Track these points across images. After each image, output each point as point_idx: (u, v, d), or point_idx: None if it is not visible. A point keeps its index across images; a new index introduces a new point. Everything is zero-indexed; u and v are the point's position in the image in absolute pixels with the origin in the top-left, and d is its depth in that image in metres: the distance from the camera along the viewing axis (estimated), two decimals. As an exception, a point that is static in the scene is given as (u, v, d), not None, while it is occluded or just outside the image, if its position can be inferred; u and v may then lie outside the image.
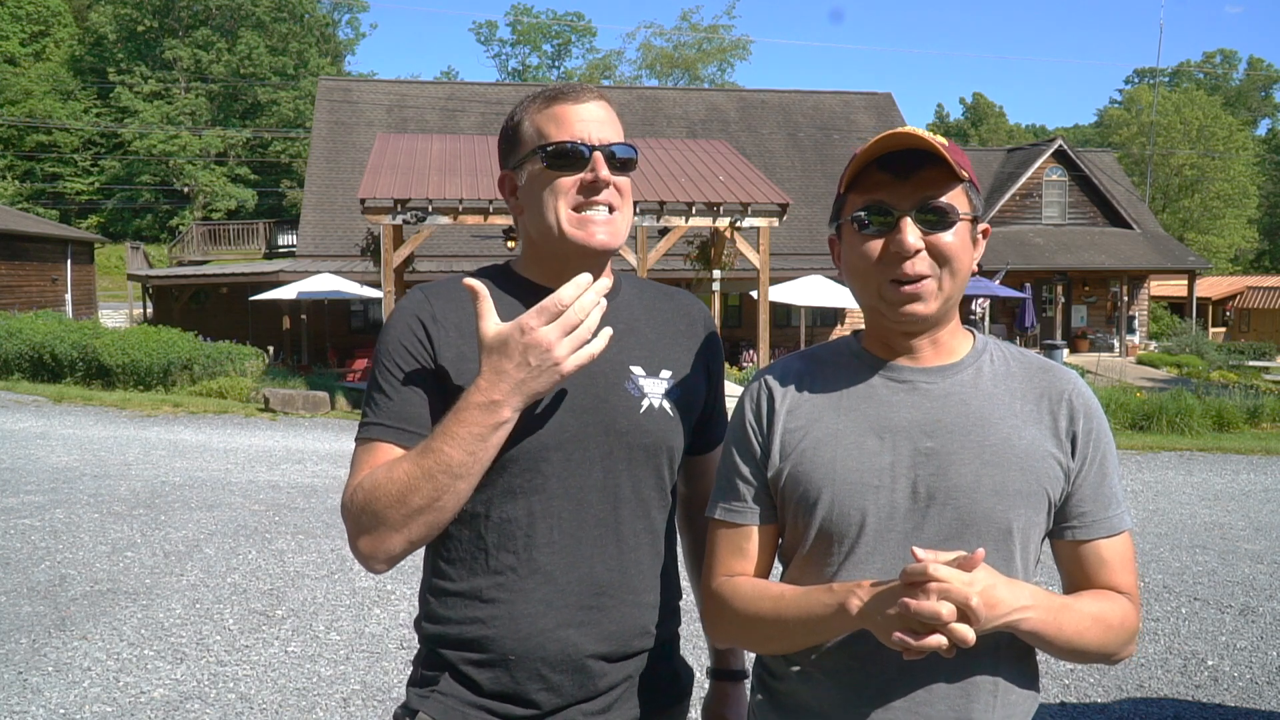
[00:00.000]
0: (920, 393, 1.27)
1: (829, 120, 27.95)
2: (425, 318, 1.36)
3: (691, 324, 1.53)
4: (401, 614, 4.92)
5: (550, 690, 1.34)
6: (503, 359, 1.21)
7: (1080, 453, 1.27)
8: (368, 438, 1.33)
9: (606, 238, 1.37)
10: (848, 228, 1.28)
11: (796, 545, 1.31)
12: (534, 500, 1.34)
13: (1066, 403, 1.28)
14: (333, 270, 19.14)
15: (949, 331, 1.31)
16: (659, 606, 1.42)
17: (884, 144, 1.22)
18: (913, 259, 1.22)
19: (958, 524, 1.22)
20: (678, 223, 13.51)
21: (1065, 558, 1.30)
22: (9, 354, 15.19)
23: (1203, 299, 32.31)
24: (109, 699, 3.86)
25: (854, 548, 1.25)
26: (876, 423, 1.27)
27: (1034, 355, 1.35)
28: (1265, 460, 10.34)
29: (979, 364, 1.31)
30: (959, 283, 1.26)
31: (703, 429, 1.51)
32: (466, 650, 1.35)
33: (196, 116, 43.46)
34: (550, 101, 1.39)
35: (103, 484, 8.01)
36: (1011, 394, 1.28)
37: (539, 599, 1.33)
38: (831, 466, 1.26)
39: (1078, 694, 4.04)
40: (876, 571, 1.22)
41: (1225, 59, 61.42)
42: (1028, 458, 1.24)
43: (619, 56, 67.43)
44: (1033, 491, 1.24)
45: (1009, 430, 1.25)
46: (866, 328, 1.36)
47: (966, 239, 1.26)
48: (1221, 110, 47.66)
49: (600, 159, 1.36)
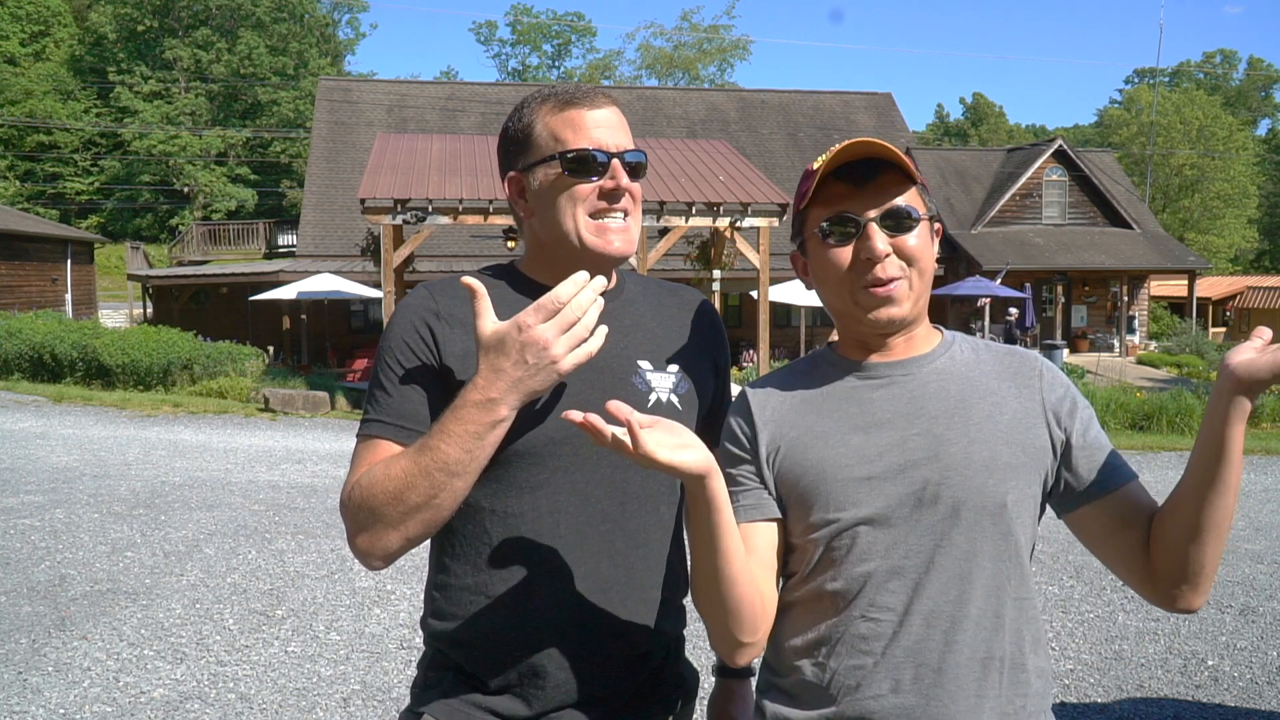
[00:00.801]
0: (898, 385, 1.31)
1: (829, 120, 27.96)
2: (430, 315, 1.36)
3: (698, 319, 1.53)
4: (401, 614, 4.92)
5: (555, 688, 1.33)
6: (500, 357, 1.21)
7: (1068, 418, 1.29)
8: (368, 435, 1.33)
9: (623, 245, 1.39)
10: (814, 240, 1.31)
11: (798, 546, 1.31)
12: (540, 495, 1.33)
13: (1039, 375, 1.32)
14: (333, 270, 19.15)
15: (920, 329, 1.35)
16: (666, 604, 1.42)
17: (841, 155, 1.26)
18: (883, 263, 1.26)
19: (953, 503, 1.23)
20: (678, 223, 13.51)
21: (1100, 522, 1.27)
22: (9, 354, 15.19)
23: (1203, 299, 32.30)
24: (109, 699, 3.86)
25: (854, 542, 1.25)
26: (860, 419, 1.29)
27: (999, 345, 1.39)
28: (1265, 460, 10.34)
29: (950, 353, 1.35)
30: (926, 281, 1.30)
31: (711, 423, 1.50)
32: (471, 647, 1.35)
33: (196, 116, 43.47)
34: (565, 105, 1.39)
35: (103, 484, 8.01)
36: (986, 375, 1.32)
37: (544, 594, 1.33)
38: (821, 466, 1.27)
39: (1078, 694, 4.04)
40: (880, 560, 1.23)
41: (1225, 59, 61.43)
42: (1013, 430, 1.26)
43: (619, 57, 67.49)
44: (1022, 463, 1.25)
45: (990, 407, 1.28)
46: (840, 335, 1.39)
47: (927, 238, 1.30)
48: (1221, 110, 47.66)
49: (619, 167, 1.37)
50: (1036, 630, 1.28)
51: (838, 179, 1.28)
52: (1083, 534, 1.32)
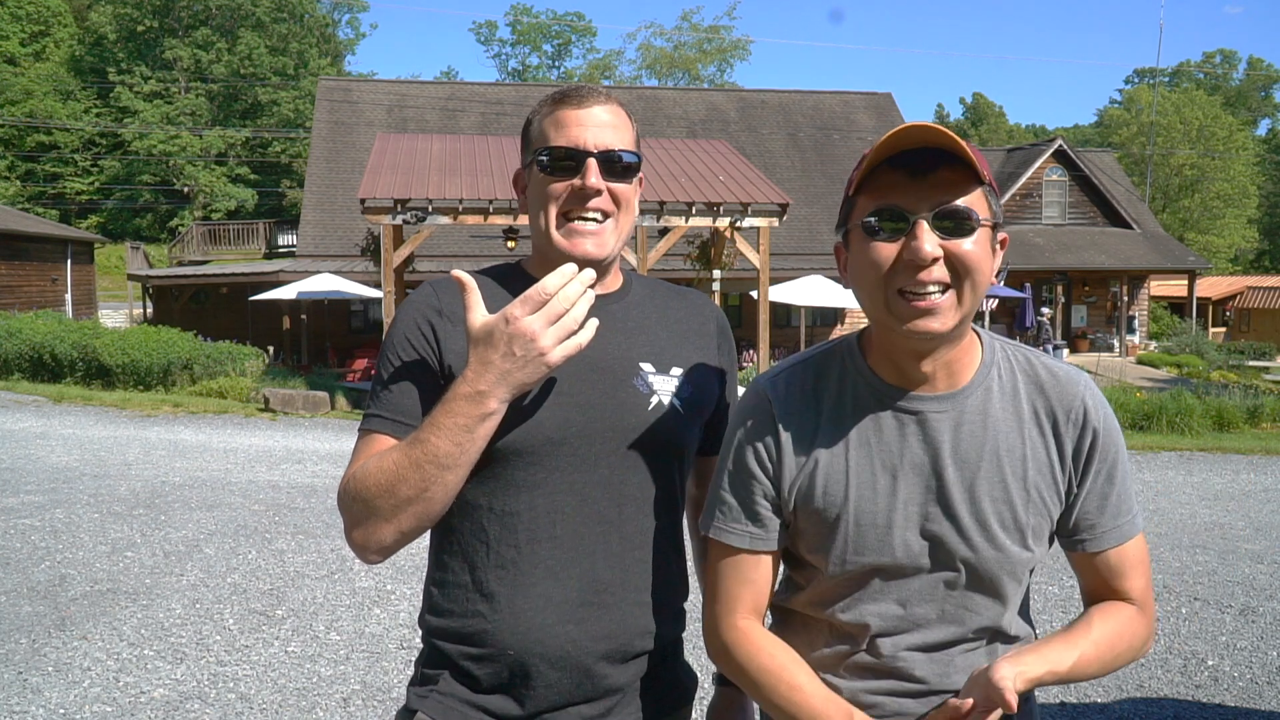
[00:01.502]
0: (930, 426, 1.21)
1: (829, 120, 27.94)
2: (432, 313, 1.37)
3: (704, 323, 1.51)
4: (401, 614, 4.92)
5: (548, 687, 1.33)
6: (488, 349, 1.21)
7: (1086, 468, 1.24)
8: (368, 429, 1.35)
9: (592, 248, 1.36)
10: (856, 232, 1.18)
11: (810, 571, 1.29)
12: (537, 494, 1.33)
13: (1074, 418, 1.23)
14: (333, 270, 19.13)
15: (962, 347, 1.21)
16: (662, 608, 1.41)
17: (898, 140, 1.11)
18: (929, 268, 1.11)
19: (969, 562, 1.22)
20: (678, 223, 13.51)
21: (1079, 566, 1.31)
22: (9, 354, 15.19)
23: (1203, 299, 32.30)
24: (109, 699, 3.86)
25: (866, 585, 1.24)
26: (887, 460, 1.22)
27: (1040, 361, 1.28)
28: (1265, 460, 10.33)
29: (988, 383, 1.24)
30: (978, 297, 1.15)
31: (714, 428, 1.49)
32: (466, 644, 1.35)
33: (196, 116, 43.45)
34: (556, 104, 1.39)
35: (103, 484, 8.01)
36: (1020, 416, 1.23)
37: (539, 594, 1.33)
38: (845, 505, 1.22)
39: (1078, 694, 4.04)
40: (892, 604, 1.24)
41: (1225, 59, 61.41)
42: (1036, 488, 1.23)
43: (619, 57, 67.49)
44: (1037, 525, 1.24)
45: (1018, 462, 1.22)
46: (874, 342, 1.26)
47: (987, 247, 1.15)
48: (1221, 110, 47.64)
49: (593, 166, 1.35)
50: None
51: (894, 167, 1.13)
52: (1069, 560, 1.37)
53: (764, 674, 1.25)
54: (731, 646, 1.29)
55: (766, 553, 1.29)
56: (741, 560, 1.29)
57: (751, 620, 1.30)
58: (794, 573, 1.35)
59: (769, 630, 1.34)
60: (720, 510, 1.30)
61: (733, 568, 1.30)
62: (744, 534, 1.28)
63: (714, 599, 1.33)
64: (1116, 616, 1.25)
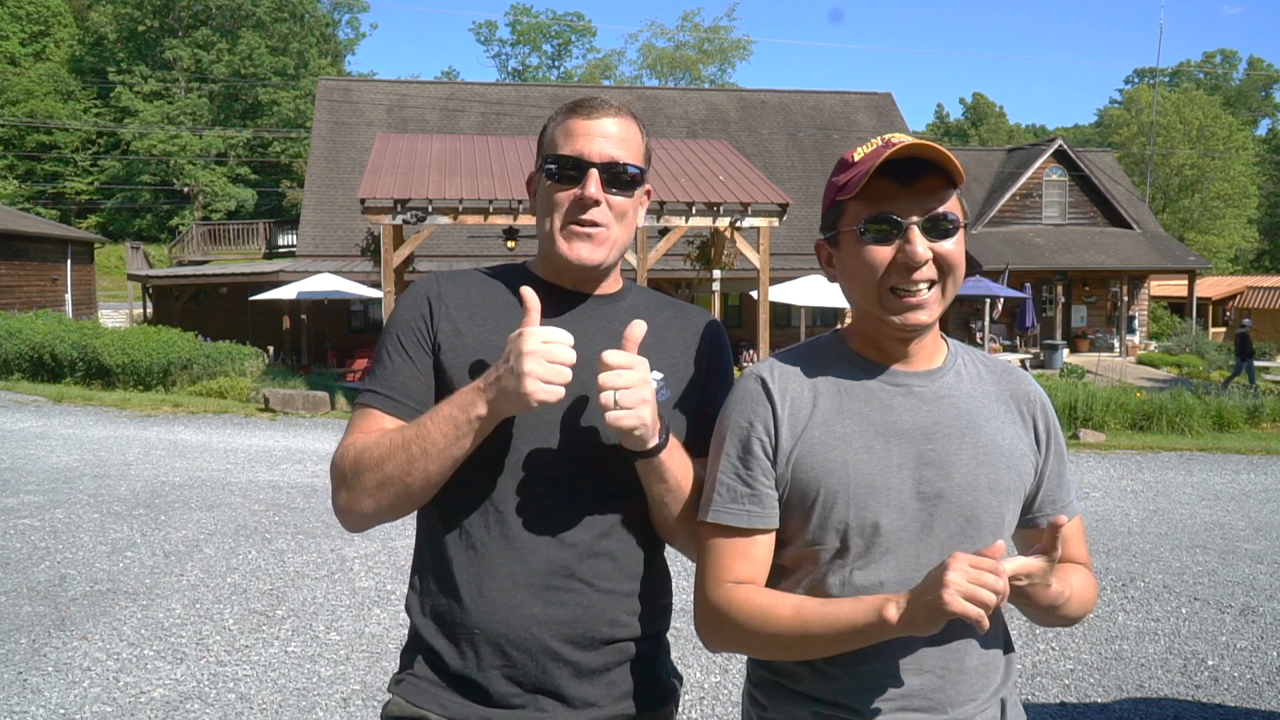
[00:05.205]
0: (916, 396, 1.33)
1: (829, 120, 27.95)
2: (431, 296, 1.45)
3: (694, 334, 1.53)
4: (401, 614, 4.92)
5: (513, 668, 1.36)
6: (500, 358, 1.30)
7: (1045, 448, 1.39)
8: (362, 403, 1.44)
9: (589, 256, 1.42)
10: (849, 236, 1.30)
11: (804, 548, 1.32)
12: (510, 480, 1.39)
13: (1030, 402, 1.40)
14: (333, 270, 19.14)
15: (932, 336, 1.37)
16: (635, 599, 1.43)
17: (894, 155, 1.24)
18: (921, 268, 1.26)
19: (962, 521, 1.29)
20: (678, 223, 13.52)
21: (1034, 541, 1.38)
22: (9, 354, 15.19)
23: (1203, 299, 32.29)
24: (109, 699, 3.86)
25: (869, 548, 1.28)
26: (881, 426, 1.31)
27: (993, 358, 1.45)
28: (1265, 460, 10.34)
29: (957, 367, 1.38)
30: (957, 289, 1.32)
31: (696, 433, 1.47)
32: (438, 624, 1.41)
33: (196, 116, 43.44)
34: (569, 113, 1.45)
35: (103, 484, 8.01)
36: (988, 396, 1.37)
37: (504, 575, 1.37)
38: (845, 470, 1.28)
39: (1078, 694, 4.04)
40: (891, 571, 1.27)
41: (1225, 59, 61.42)
42: (1011, 456, 1.34)
43: (619, 57, 67.51)
44: (1017, 488, 1.34)
45: (994, 431, 1.34)
46: (857, 330, 1.39)
47: (963, 244, 1.31)
48: (1221, 110, 47.61)
49: (594, 176, 1.40)
50: (1008, 633, 1.43)
51: (882, 176, 1.26)
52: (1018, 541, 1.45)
53: (763, 611, 1.28)
54: (722, 602, 1.31)
55: (764, 531, 1.32)
56: (738, 541, 1.33)
57: (743, 580, 1.33)
58: (789, 557, 1.36)
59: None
60: (718, 493, 1.34)
61: (730, 547, 1.33)
62: (742, 513, 1.32)
63: (707, 579, 1.35)
64: (1080, 572, 1.40)
